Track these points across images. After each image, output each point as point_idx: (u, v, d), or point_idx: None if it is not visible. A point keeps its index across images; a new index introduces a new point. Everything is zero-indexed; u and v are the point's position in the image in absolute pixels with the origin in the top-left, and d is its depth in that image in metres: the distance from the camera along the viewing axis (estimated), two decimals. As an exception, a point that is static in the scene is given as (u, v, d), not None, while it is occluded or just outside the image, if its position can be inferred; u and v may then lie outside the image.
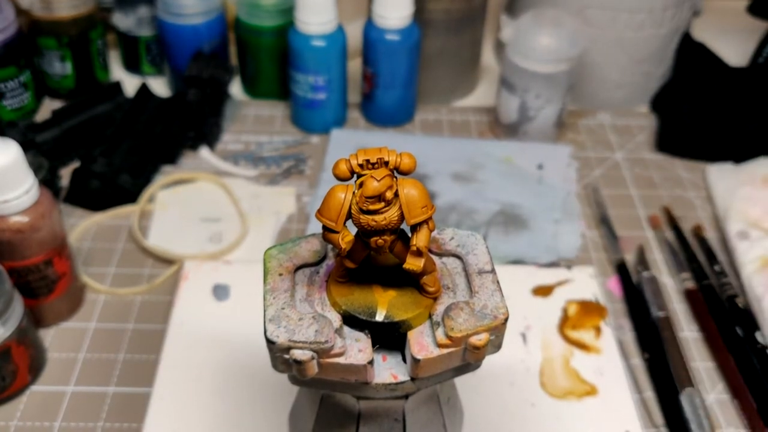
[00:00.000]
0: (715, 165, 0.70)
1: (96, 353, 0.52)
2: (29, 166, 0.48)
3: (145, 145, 0.66)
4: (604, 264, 0.61)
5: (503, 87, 0.71)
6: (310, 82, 0.70)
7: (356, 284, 0.35)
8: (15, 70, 0.70)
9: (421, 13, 0.71)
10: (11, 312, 0.46)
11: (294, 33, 0.69)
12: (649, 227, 0.65)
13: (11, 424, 0.48)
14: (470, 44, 0.77)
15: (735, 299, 0.56)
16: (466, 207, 0.65)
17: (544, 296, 0.57)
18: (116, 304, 0.56)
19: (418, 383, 0.34)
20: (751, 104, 0.73)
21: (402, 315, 0.34)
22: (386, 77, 0.71)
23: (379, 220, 0.31)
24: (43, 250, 0.50)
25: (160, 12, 0.72)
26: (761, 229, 0.61)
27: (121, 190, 0.63)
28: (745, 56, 0.83)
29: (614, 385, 0.51)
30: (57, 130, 0.67)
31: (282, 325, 0.33)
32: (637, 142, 0.75)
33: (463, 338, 0.33)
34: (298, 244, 0.37)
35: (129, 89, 0.74)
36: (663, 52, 0.76)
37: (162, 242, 0.61)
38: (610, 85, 0.77)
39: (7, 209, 0.47)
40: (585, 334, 0.54)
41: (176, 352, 0.52)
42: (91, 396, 0.50)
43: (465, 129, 0.75)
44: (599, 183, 0.69)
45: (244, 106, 0.77)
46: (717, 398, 0.51)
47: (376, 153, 0.31)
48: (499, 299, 0.34)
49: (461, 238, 0.38)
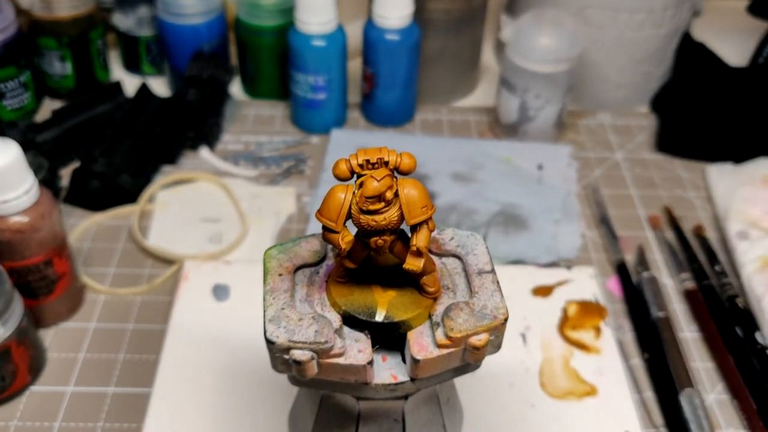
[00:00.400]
0: (715, 165, 0.70)
1: (96, 353, 0.52)
2: (29, 166, 0.48)
3: (145, 145, 0.66)
4: (604, 264, 0.61)
5: (503, 87, 0.71)
6: (310, 82, 0.70)
7: (356, 284, 0.35)
8: (15, 70, 0.70)
9: (421, 13, 0.71)
10: (11, 312, 0.46)
11: (294, 33, 0.69)
12: (649, 227, 0.65)
13: (11, 424, 0.48)
14: (470, 44, 0.77)
15: (735, 299, 0.56)
16: (466, 207, 0.65)
17: (544, 296, 0.57)
18: (116, 304, 0.56)
19: (418, 384, 0.34)
20: (751, 104, 0.72)
21: (402, 315, 0.34)
22: (386, 77, 0.71)
23: (379, 220, 0.31)
24: (43, 250, 0.50)
25: (160, 12, 0.72)
26: (761, 229, 0.61)
27: (121, 190, 0.63)
28: (745, 56, 0.83)
29: (614, 385, 0.51)
30: (57, 130, 0.67)
31: (282, 326, 0.33)
32: (637, 142, 0.75)
33: (462, 338, 0.33)
34: (298, 244, 0.37)
35: (129, 89, 0.74)
36: (663, 52, 0.76)
37: (162, 242, 0.61)
38: (610, 85, 0.77)
39: (7, 209, 0.47)
40: (585, 334, 0.54)
41: (176, 352, 0.52)
42: (91, 396, 0.50)
43: (465, 129, 0.75)
44: (599, 183, 0.69)
45: (244, 106, 0.77)
46: (717, 398, 0.51)
47: (376, 153, 0.31)
48: (498, 299, 0.34)
49: (461, 238, 0.38)
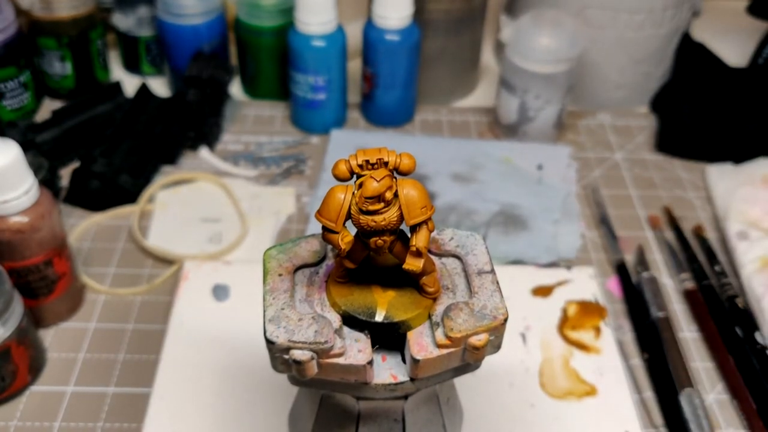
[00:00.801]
0: (714, 165, 0.70)
1: (96, 353, 0.52)
2: (29, 166, 0.48)
3: (145, 145, 0.66)
4: (603, 264, 0.61)
5: (503, 87, 0.71)
6: (310, 82, 0.70)
7: (356, 284, 0.35)
8: (15, 70, 0.70)
9: (421, 14, 0.71)
10: (11, 312, 0.46)
11: (294, 33, 0.69)
12: (649, 227, 0.65)
13: (11, 424, 0.48)
14: (470, 44, 0.77)
15: (735, 299, 0.56)
16: (465, 207, 0.65)
17: (544, 296, 0.57)
18: (116, 304, 0.56)
19: (418, 384, 0.34)
20: (751, 104, 0.72)
21: (401, 315, 0.34)
22: (386, 77, 0.71)
23: (378, 221, 0.31)
24: (43, 251, 0.50)
25: (160, 12, 0.72)
26: (761, 229, 0.61)
27: (121, 190, 0.63)
28: (745, 56, 0.83)
29: (614, 385, 0.51)
30: (57, 130, 0.67)
31: (282, 326, 0.33)
32: (636, 143, 0.75)
33: (462, 338, 0.33)
34: (297, 245, 0.37)
35: (129, 89, 0.74)
36: (663, 52, 0.76)
37: (162, 242, 0.61)
38: (610, 85, 0.77)
39: (7, 209, 0.47)
40: (585, 334, 0.54)
41: (176, 352, 0.52)
42: (91, 396, 0.50)
43: (465, 129, 0.75)
44: (599, 183, 0.69)
45: (244, 107, 0.77)
46: (716, 398, 0.51)
47: (376, 153, 0.31)
48: (498, 300, 0.34)
49: (461, 238, 0.38)
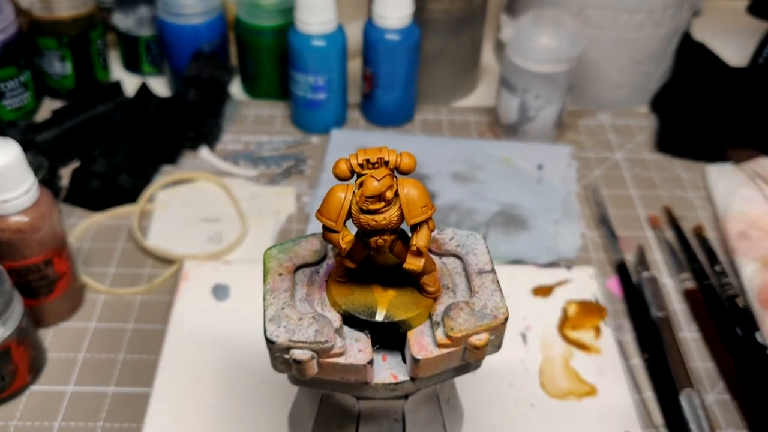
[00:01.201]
0: (715, 165, 0.70)
1: (96, 353, 0.52)
2: (29, 166, 0.48)
3: (145, 145, 0.66)
4: (603, 264, 0.61)
5: (503, 87, 0.71)
6: (310, 82, 0.70)
7: (356, 284, 0.35)
8: (15, 70, 0.70)
9: (421, 13, 0.71)
10: (11, 312, 0.46)
11: (294, 33, 0.69)
12: (649, 227, 0.65)
13: (11, 424, 0.48)
14: (470, 44, 0.77)
15: (735, 299, 0.56)
16: (465, 207, 0.65)
17: (544, 296, 0.57)
18: (116, 304, 0.56)
19: (418, 383, 0.34)
20: (751, 104, 0.73)
21: (402, 315, 0.34)
22: (386, 77, 0.71)
23: (379, 220, 0.31)
24: (43, 250, 0.50)
25: (160, 12, 0.72)
26: (761, 229, 0.61)
27: (121, 190, 0.63)
28: (745, 56, 0.83)
29: (614, 385, 0.51)
30: (57, 130, 0.67)
31: (282, 325, 0.33)
32: (637, 142, 0.75)
33: (462, 338, 0.33)
34: (298, 244, 0.37)
35: (129, 89, 0.74)
36: (663, 52, 0.76)
37: (162, 242, 0.61)
38: (610, 85, 0.77)
39: (7, 209, 0.47)
40: (585, 334, 0.54)
41: (176, 352, 0.52)
42: (91, 396, 0.50)
43: (465, 129, 0.75)
44: (599, 183, 0.69)
45: (244, 106, 0.77)
46: (716, 398, 0.51)
47: (376, 153, 0.31)
48: (498, 299, 0.34)
49: (461, 238, 0.38)
